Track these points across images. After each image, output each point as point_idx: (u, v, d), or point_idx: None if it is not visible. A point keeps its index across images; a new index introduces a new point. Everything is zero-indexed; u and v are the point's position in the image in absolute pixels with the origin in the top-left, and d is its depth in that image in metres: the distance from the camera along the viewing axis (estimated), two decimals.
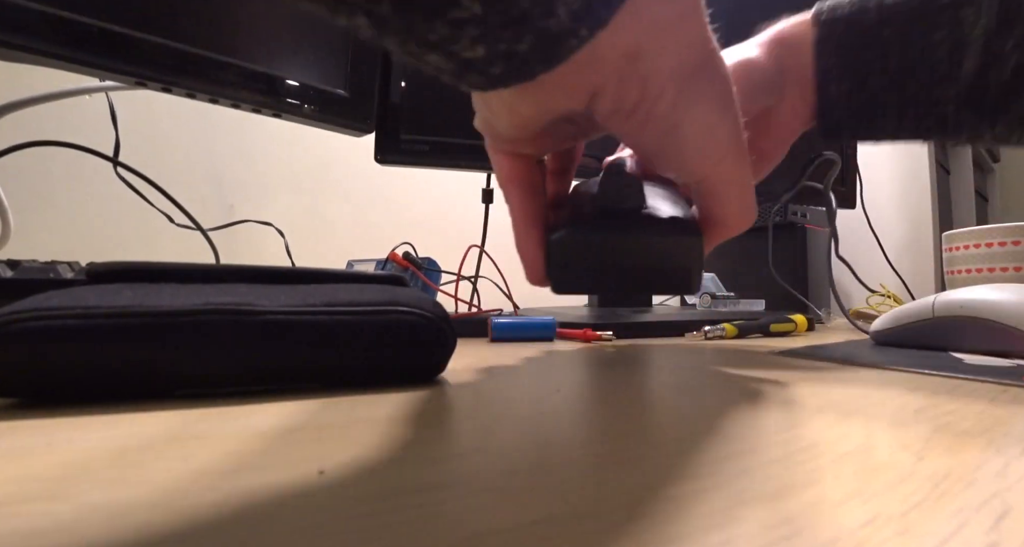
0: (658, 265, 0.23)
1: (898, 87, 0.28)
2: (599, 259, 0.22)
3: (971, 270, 0.58)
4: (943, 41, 0.26)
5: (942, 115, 0.27)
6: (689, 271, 0.23)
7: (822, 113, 0.31)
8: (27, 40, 0.31)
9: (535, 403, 0.19)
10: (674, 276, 0.23)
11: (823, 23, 0.29)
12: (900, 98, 0.28)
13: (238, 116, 0.47)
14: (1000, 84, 0.25)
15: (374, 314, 0.20)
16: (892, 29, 0.27)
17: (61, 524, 0.09)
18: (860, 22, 0.28)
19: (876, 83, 0.28)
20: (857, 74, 0.29)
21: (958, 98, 0.26)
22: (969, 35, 0.25)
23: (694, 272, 0.23)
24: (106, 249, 0.65)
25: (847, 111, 0.30)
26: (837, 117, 0.30)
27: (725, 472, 0.12)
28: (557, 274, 0.23)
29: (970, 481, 0.11)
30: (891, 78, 0.28)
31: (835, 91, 0.30)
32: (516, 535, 0.09)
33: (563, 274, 0.23)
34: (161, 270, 0.21)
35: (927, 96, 0.27)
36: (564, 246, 0.22)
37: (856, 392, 0.21)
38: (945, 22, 0.26)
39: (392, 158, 0.49)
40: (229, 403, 0.18)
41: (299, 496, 0.10)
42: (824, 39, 0.29)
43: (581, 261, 0.22)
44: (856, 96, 0.29)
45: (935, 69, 0.26)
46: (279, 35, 0.42)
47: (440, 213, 0.92)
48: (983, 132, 0.26)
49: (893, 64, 0.28)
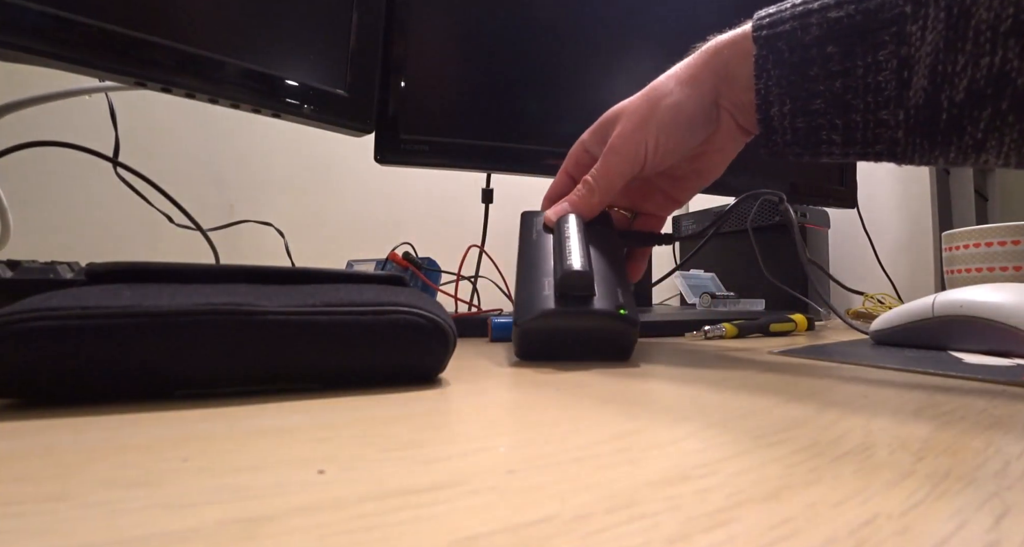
0: (602, 345, 0.30)
1: (843, 109, 0.26)
2: (557, 339, 0.29)
3: (971, 270, 0.58)
4: (888, 59, 0.24)
5: (892, 139, 0.25)
6: (626, 348, 0.30)
7: (764, 135, 0.29)
8: (27, 40, 0.31)
9: (534, 403, 0.19)
10: (614, 350, 0.30)
11: (763, 40, 0.27)
12: (846, 121, 0.26)
13: (238, 116, 0.47)
14: (954, 105, 0.22)
15: (374, 314, 0.20)
16: (835, 45, 0.25)
17: (61, 524, 0.09)
18: (801, 40, 0.26)
19: (820, 105, 0.26)
20: (799, 95, 0.27)
21: (907, 121, 0.24)
22: (916, 53, 0.23)
23: (629, 347, 0.30)
24: (106, 249, 0.65)
25: (791, 133, 0.28)
26: (779, 140, 0.28)
27: (725, 472, 0.12)
28: (523, 348, 0.30)
29: (970, 481, 0.11)
30: (835, 99, 0.26)
31: (776, 113, 0.28)
32: (516, 535, 0.09)
33: (528, 348, 0.30)
34: (161, 270, 0.21)
35: (874, 118, 0.25)
36: (530, 332, 0.29)
37: (856, 392, 0.21)
38: (890, 39, 0.24)
39: (392, 158, 0.49)
40: (229, 403, 0.18)
41: (299, 496, 0.10)
42: (764, 58, 0.27)
43: (543, 339, 0.29)
44: (799, 118, 0.27)
45: (881, 89, 0.24)
46: (279, 35, 0.42)
47: (440, 213, 0.92)
48: (936, 157, 0.24)
49: (837, 85, 0.25)
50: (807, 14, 0.26)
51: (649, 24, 0.57)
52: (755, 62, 0.28)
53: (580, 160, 0.36)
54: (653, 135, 0.31)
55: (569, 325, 0.28)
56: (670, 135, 0.31)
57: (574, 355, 0.30)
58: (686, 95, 0.31)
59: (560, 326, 0.28)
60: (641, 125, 0.32)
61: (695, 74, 0.31)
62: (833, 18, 0.25)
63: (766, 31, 0.27)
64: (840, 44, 0.25)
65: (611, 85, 0.56)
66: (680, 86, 0.31)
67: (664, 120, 0.31)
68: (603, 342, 0.30)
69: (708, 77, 0.30)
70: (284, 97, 0.42)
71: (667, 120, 0.31)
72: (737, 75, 0.29)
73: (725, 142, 0.33)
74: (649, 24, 0.57)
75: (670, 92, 0.31)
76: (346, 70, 0.46)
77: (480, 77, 0.53)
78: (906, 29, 0.23)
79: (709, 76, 0.30)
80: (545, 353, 0.30)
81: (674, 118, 0.31)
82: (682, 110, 0.31)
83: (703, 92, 0.30)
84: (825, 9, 0.25)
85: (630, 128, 0.32)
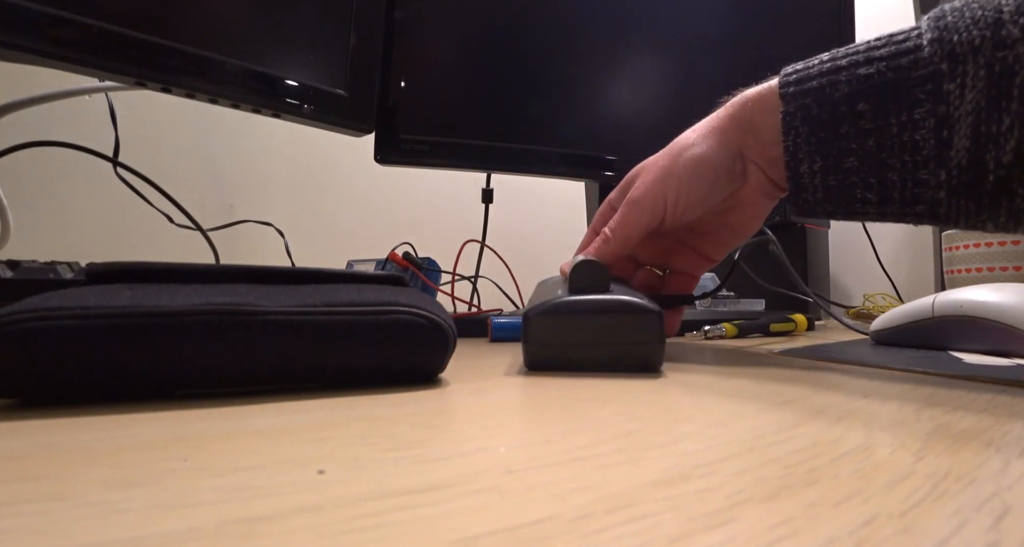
0: (621, 340, 0.25)
1: (877, 167, 0.24)
2: (568, 334, 0.25)
3: (971, 269, 0.58)
4: (925, 117, 0.23)
5: (933, 200, 0.23)
6: (651, 352, 0.25)
7: (794, 193, 0.28)
8: (27, 40, 0.31)
9: (534, 403, 0.19)
10: (637, 351, 0.25)
11: (790, 96, 0.26)
12: (881, 180, 0.24)
13: (238, 116, 0.47)
14: (1001, 167, 0.21)
15: (374, 314, 0.20)
16: (867, 103, 0.24)
17: (60, 524, 0.09)
18: (830, 97, 0.25)
19: (852, 163, 0.25)
20: (829, 153, 0.25)
21: (949, 182, 0.23)
22: (956, 112, 0.22)
23: (655, 347, 0.25)
24: (106, 249, 0.65)
25: (822, 191, 0.26)
26: (810, 197, 0.27)
27: (725, 472, 0.12)
28: (532, 353, 0.26)
29: (970, 481, 0.11)
30: (869, 157, 0.24)
31: (806, 170, 0.26)
32: (516, 535, 0.09)
33: (537, 350, 0.26)
34: (161, 270, 0.21)
35: (912, 178, 0.24)
36: (537, 322, 0.25)
37: (855, 392, 0.21)
38: (926, 97, 0.22)
39: (392, 158, 0.49)
40: (229, 403, 0.18)
41: (299, 496, 0.10)
42: (791, 114, 0.26)
43: (553, 336, 0.25)
44: (831, 176, 0.26)
45: (919, 148, 0.23)
46: (279, 35, 0.42)
47: (440, 213, 0.92)
48: (984, 220, 0.23)
49: (871, 143, 0.24)
50: (835, 71, 0.25)
51: (648, 24, 0.57)
52: (782, 119, 0.27)
53: (606, 217, 0.35)
54: (674, 186, 0.31)
55: (582, 318, 0.25)
56: (692, 187, 0.30)
57: (590, 361, 0.26)
58: (709, 146, 0.30)
59: (572, 319, 0.25)
60: (661, 177, 0.31)
61: (719, 126, 0.30)
62: (863, 75, 0.24)
63: (793, 88, 0.26)
64: (871, 101, 0.24)
65: (610, 85, 0.56)
66: (703, 138, 0.30)
67: (685, 171, 0.30)
68: (623, 336, 0.25)
69: (733, 129, 0.30)
70: (284, 97, 0.42)
71: (688, 171, 0.30)
72: (763, 128, 0.28)
73: (756, 196, 0.31)
74: (648, 24, 0.57)
75: (692, 144, 0.31)
76: (346, 70, 0.46)
77: (480, 77, 0.53)
78: (943, 87, 0.22)
79: (734, 129, 0.30)
80: (556, 356, 0.26)
81: (695, 169, 0.30)
82: (704, 161, 0.30)
83: (727, 144, 0.30)
84: (854, 66, 0.25)
85: (650, 179, 0.32)
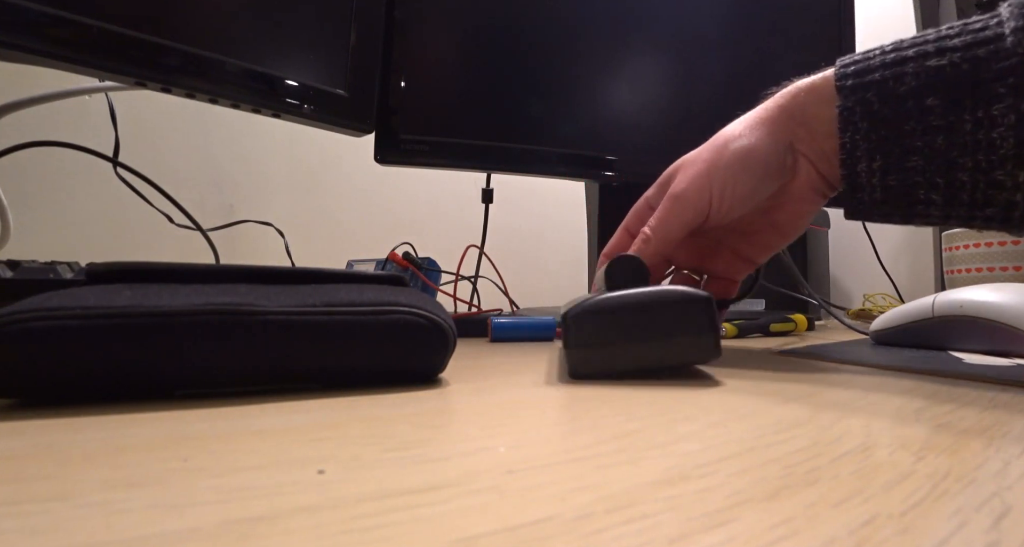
0: (670, 331, 0.23)
1: (946, 167, 0.22)
2: (612, 333, 0.23)
3: (971, 270, 0.58)
4: (1005, 113, 0.21)
5: (1008, 202, 0.22)
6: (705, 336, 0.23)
7: (849, 193, 0.26)
8: (27, 40, 0.31)
9: (534, 403, 0.19)
10: (689, 343, 0.23)
11: (848, 90, 0.24)
12: (949, 180, 0.23)
13: (238, 116, 0.47)
14: None
15: (374, 314, 0.20)
16: (937, 97, 0.22)
17: (61, 524, 0.09)
18: (895, 91, 0.23)
19: (917, 162, 0.23)
20: (892, 151, 0.24)
21: None
22: None
23: (709, 336, 0.23)
24: (106, 249, 0.65)
25: (881, 192, 0.25)
26: (867, 198, 0.25)
27: (725, 472, 0.12)
28: (575, 355, 0.24)
29: (970, 481, 0.11)
30: (937, 156, 0.22)
31: (864, 169, 0.25)
32: (516, 535, 0.09)
33: (580, 354, 0.23)
34: (161, 270, 0.21)
35: (985, 178, 0.22)
36: (577, 323, 0.23)
37: (856, 392, 0.21)
38: (1007, 91, 0.21)
39: (392, 158, 0.49)
40: (229, 403, 0.18)
41: (299, 496, 0.10)
42: (849, 109, 0.24)
43: (595, 336, 0.23)
44: (891, 176, 0.24)
45: (995, 147, 0.21)
46: (279, 35, 0.42)
47: (440, 213, 0.92)
48: None
49: (940, 141, 0.22)
50: (900, 62, 0.23)
51: (648, 24, 0.57)
52: (839, 114, 0.25)
53: (642, 216, 0.33)
54: (719, 181, 0.28)
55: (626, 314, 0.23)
56: (739, 181, 0.28)
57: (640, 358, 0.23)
58: (757, 137, 0.28)
59: (614, 316, 0.23)
60: (706, 170, 0.29)
61: (768, 117, 0.28)
62: (933, 67, 0.22)
63: (852, 80, 0.25)
64: (942, 96, 0.22)
65: (610, 85, 0.56)
66: (751, 129, 0.28)
67: (732, 164, 0.28)
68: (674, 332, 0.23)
69: (784, 120, 0.28)
70: (284, 97, 0.42)
71: (735, 164, 0.28)
72: (817, 120, 0.27)
73: (805, 192, 0.29)
74: (648, 24, 0.57)
75: (739, 135, 0.28)
76: (346, 70, 0.46)
77: (480, 77, 0.53)
78: None
79: (785, 119, 0.28)
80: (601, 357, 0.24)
81: (743, 162, 0.28)
82: (752, 153, 0.28)
83: (776, 135, 0.28)
84: (923, 57, 0.23)
85: (693, 173, 0.29)
